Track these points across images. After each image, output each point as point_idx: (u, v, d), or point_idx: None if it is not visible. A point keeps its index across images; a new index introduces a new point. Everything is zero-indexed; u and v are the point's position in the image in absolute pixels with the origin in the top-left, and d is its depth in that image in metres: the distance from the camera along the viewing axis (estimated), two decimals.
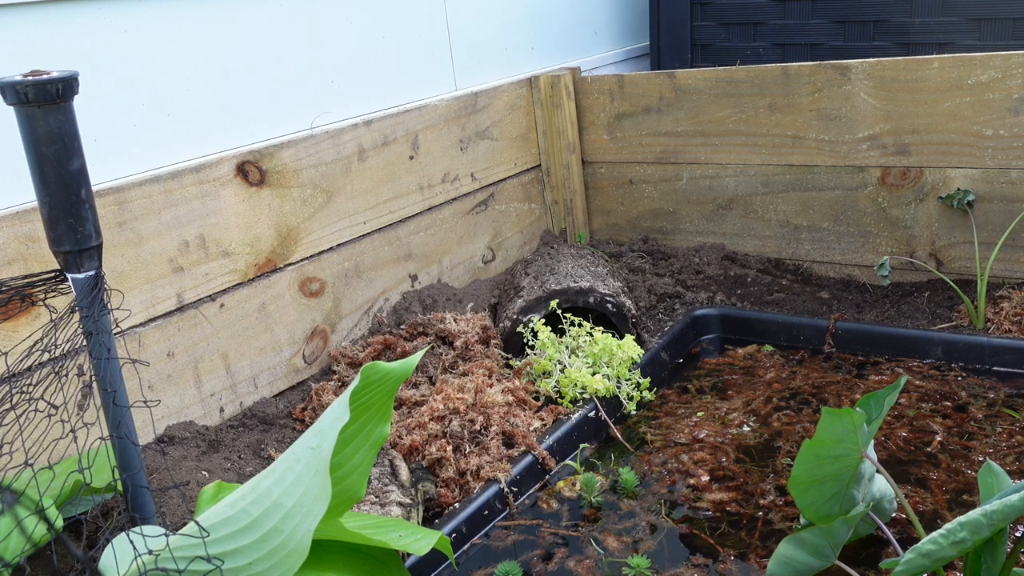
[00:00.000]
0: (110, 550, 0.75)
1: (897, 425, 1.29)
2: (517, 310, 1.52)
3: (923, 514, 1.10)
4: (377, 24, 1.65)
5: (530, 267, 1.69)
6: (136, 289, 1.24)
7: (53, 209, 0.78)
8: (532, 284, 1.58)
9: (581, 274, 1.57)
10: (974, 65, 1.54)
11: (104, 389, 0.81)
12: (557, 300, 1.48)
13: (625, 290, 1.62)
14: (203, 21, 1.36)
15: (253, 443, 1.31)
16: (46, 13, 1.18)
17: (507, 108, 1.89)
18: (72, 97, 0.76)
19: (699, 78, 1.81)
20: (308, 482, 0.73)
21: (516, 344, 1.51)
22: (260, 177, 1.40)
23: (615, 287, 1.57)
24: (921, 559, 0.81)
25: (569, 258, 1.68)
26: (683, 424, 1.35)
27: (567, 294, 1.50)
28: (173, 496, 1.14)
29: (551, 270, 1.61)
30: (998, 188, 1.58)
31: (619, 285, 1.61)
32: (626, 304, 1.52)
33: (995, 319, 1.50)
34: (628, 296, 1.58)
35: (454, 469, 1.19)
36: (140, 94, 1.30)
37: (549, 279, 1.57)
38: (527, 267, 1.71)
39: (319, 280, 1.51)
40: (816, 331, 1.56)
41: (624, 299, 1.53)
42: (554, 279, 1.56)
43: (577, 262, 1.65)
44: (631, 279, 1.78)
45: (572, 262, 1.65)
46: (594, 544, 1.11)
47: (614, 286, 1.57)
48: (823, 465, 0.87)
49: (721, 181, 1.86)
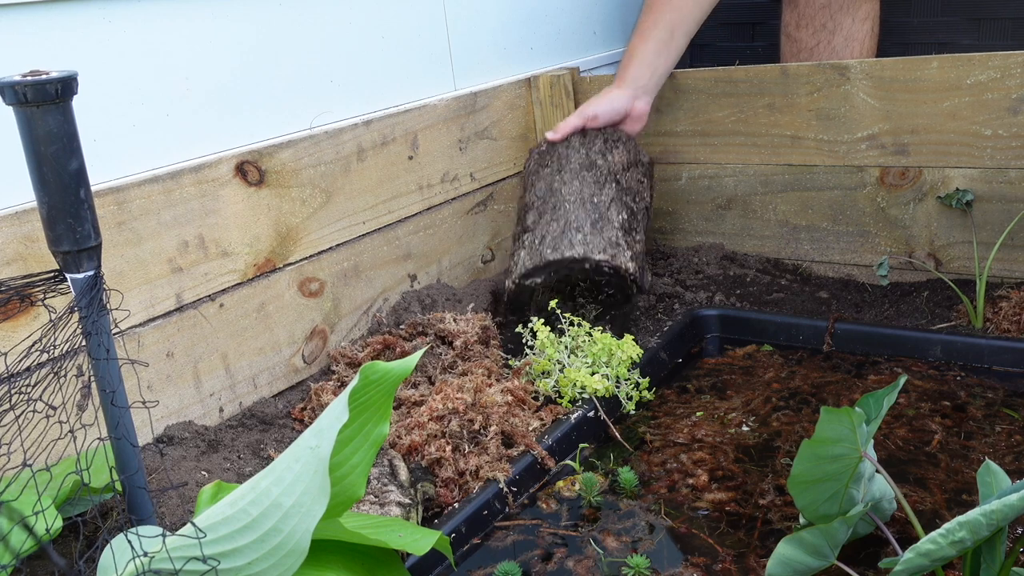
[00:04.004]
0: (108, 551, 0.75)
1: (896, 425, 1.29)
2: (519, 274, 1.51)
3: (922, 514, 1.10)
4: (377, 24, 1.65)
5: (538, 184, 1.62)
6: (135, 289, 1.24)
7: (52, 209, 0.78)
8: (534, 228, 1.55)
9: (582, 219, 1.52)
10: (973, 65, 1.54)
11: (103, 389, 0.81)
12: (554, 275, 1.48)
13: (627, 227, 1.54)
14: (203, 21, 1.36)
15: (252, 443, 1.31)
16: (46, 13, 1.18)
17: (506, 108, 1.89)
18: (71, 97, 0.76)
19: (698, 78, 1.81)
20: (307, 482, 0.73)
21: (520, 305, 1.51)
22: (259, 177, 1.40)
23: (613, 238, 1.50)
24: (920, 559, 0.81)
25: (575, 176, 1.60)
26: (682, 424, 1.36)
27: (562, 263, 1.49)
28: (172, 496, 1.14)
29: (554, 206, 1.56)
30: (997, 188, 1.58)
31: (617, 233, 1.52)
32: (622, 266, 1.48)
33: (994, 319, 1.50)
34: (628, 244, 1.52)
35: (453, 469, 1.19)
36: (139, 94, 1.30)
37: (550, 227, 1.53)
38: (535, 183, 1.63)
39: (318, 280, 1.51)
40: (815, 331, 1.56)
41: (621, 258, 1.48)
42: (556, 227, 1.52)
43: (582, 188, 1.57)
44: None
45: (578, 185, 1.58)
46: (593, 544, 1.11)
47: (612, 236, 1.50)
48: (822, 465, 0.87)
49: (720, 181, 1.86)
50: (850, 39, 1.98)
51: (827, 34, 1.99)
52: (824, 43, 1.99)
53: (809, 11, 2.00)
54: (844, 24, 1.97)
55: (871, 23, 1.99)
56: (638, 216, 1.59)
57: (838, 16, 1.97)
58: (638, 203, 1.61)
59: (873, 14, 1.99)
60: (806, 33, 2.01)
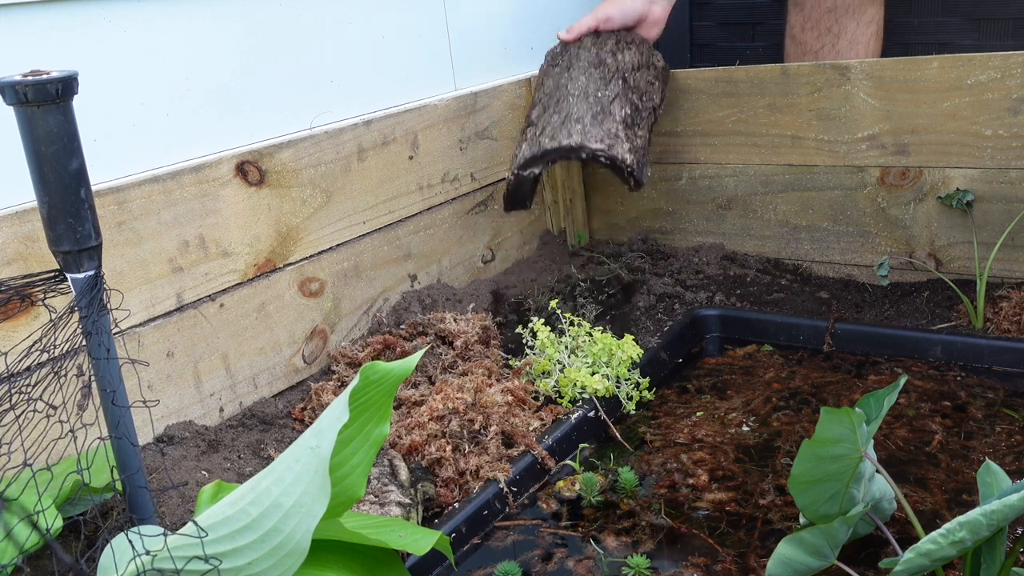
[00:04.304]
0: (109, 550, 0.75)
1: (896, 425, 1.29)
2: (517, 164, 1.52)
3: (922, 514, 1.10)
4: (377, 24, 1.65)
5: (547, 82, 1.64)
6: (135, 289, 1.24)
7: (52, 209, 0.78)
8: (536, 122, 1.55)
9: (583, 111, 1.51)
10: (973, 65, 1.54)
11: (103, 389, 0.81)
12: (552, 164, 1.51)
13: (629, 121, 1.53)
14: (203, 21, 1.36)
15: (253, 443, 1.31)
16: (46, 13, 1.18)
17: (507, 108, 1.89)
18: (71, 97, 0.76)
19: (698, 78, 1.81)
20: (307, 482, 0.73)
21: (520, 200, 1.53)
22: (260, 177, 1.40)
23: (613, 130, 1.50)
24: (920, 559, 0.81)
25: (582, 73, 1.61)
26: (682, 424, 1.35)
27: (559, 151, 1.48)
28: (173, 496, 1.14)
29: (558, 100, 1.57)
30: (997, 188, 1.58)
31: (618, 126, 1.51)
32: (619, 156, 1.47)
33: (994, 319, 1.50)
34: (628, 137, 1.51)
35: (453, 469, 1.19)
36: (140, 94, 1.30)
37: (551, 119, 1.53)
38: (544, 81, 1.65)
39: (319, 280, 1.51)
40: (815, 331, 1.56)
41: (619, 148, 1.48)
42: (556, 119, 1.52)
43: (588, 84, 1.57)
44: (633, 278, 1.78)
45: (584, 81, 1.58)
46: (593, 544, 1.11)
47: (612, 128, 1.50)
48: (822, 465, 0.87)
49: (720, 181, 1.86)
50: (855, 43, 1.98)
51: (832, 37, 1.99)
52: (829, 46, 2.00)
53: (815, 14, 2.00)
54: (849, 28, 1.97)
55: (876, 27, 2.00)
56: (643, 113, 1.57)
57: (843, 20, 1.97)
58: (644, 102, 1.60)
59: (878, 18, 2.00)
60: (811, 36, 2.01)
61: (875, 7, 1.98)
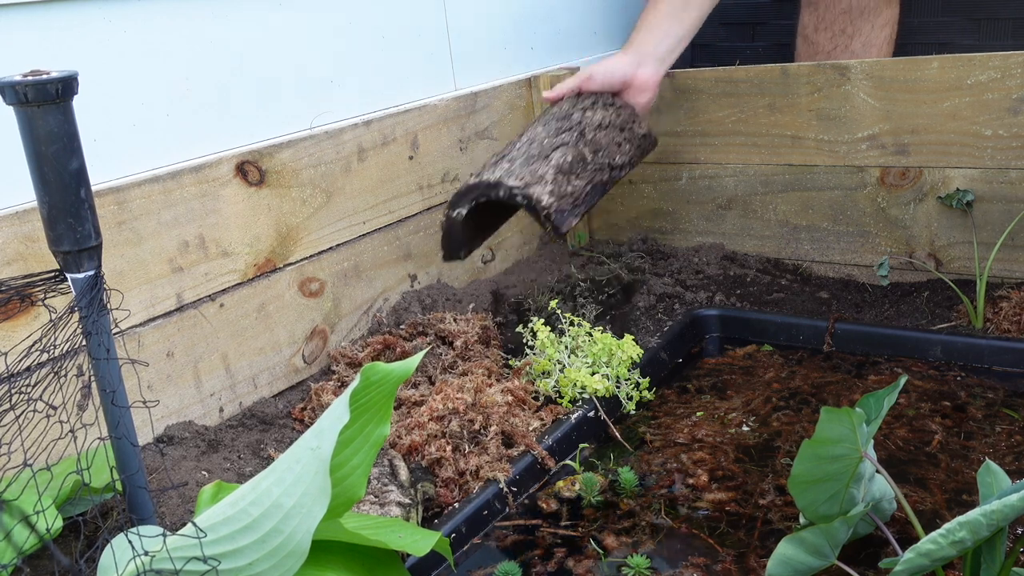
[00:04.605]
0: (109, 551, 0.75)
1: (896, 425, 1.29)
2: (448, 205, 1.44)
3: (922, 514, 1.10)
4: (377, 24, 1.65)
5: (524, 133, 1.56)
6: (135, 289, 1.24)
7: (52, 209, 0.78)
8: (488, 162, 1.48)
9: (519, 154, 1.43)
10: (973, 65, 1.54)
11: (103, 389, 0.81)
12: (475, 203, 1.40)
13: (565, 168, 1.41)
14: (203, 21, 1.36)
15: (253, 443, 1.31)
16: (46, 13, 1.18)
17: (507, 108, 1.89)
18: (72, 97, 0.76)
19: (698, 78, 1.81)
20: (308, 482, 0.73)
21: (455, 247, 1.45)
22: (260, 177, 1.40)
23: (540, 171, 1.38)
24: (920, 559, 0.81)
25: (542, 124, 1.52)
26: (682, 424, 1.35)
27: (479, 187, 1.39)
28: (173, 496, 1.14)
29: (507, 145, 1.50)
30: (997, 188, 1.58)
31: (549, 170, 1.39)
32: (534, 195, 1.35)
33: (994, 319, 1.50)
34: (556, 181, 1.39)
35: (453, 469, 1.19)
36: (140, 94, 1.30)
37: (489, 162, 1.46)
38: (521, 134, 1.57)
39: (318, 280, 1.51)
40: (815, 331, 1.56)
41: (537, 188, 1.36)
42: (493, 159, 1.45)
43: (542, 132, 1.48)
44: (630, 276, 1.78)
45: (540, 130, 1.49)
46: (593, 544, 1.11)
47: (540, 171, 1.38)
48: (822, 465, 0.87)
49: (720, 181, 1.86)
50: (868, 45, 1.96)
51: (845, 39, 1.97)
52: (842, 47, 1.98)
53: (829, 15, 1.98)
54: (863, 30, 1.96)
55: (890, 29, 1.98)
56: (589, 166, 1.44)
57: (858, 22, 1.95)
58: (598, 157, 1.46)
59: (892, 20, 1.98)
60: (824, 37, 2.00)
61: (891, 9, 1.97)
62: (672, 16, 1.58)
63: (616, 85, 1.57)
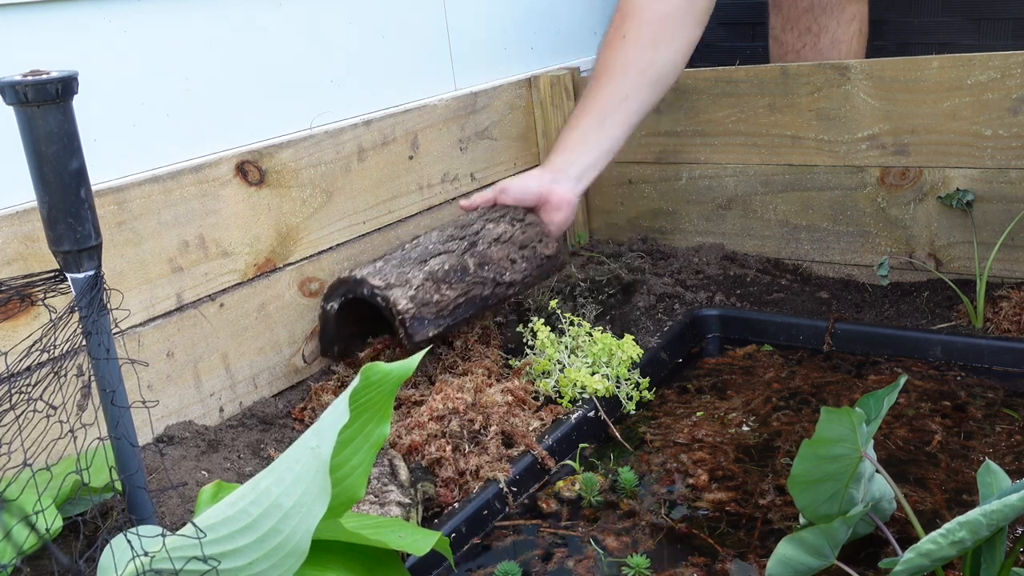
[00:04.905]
0: (108, 551, 0.75)
1: (896, 425, 1.29)
2: (323, 297, 1.43)
3: (922, 513, 1.10)
4: (377, 24, 1.65)
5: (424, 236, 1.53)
6: (135, 289, 1.24)
7: (52, 209, 0.78)
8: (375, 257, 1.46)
9: (400, 255, 1.41)
10: (973, 65, 1.54)
11: (103, 389, 0.81)
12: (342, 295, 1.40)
13: (437, 276, 1.36)
14: (203, 21, 1.36)
15: (252, 443, 1.31)
16: (46, 13, 1.18)
17: (507, 108, 1.89)
18: (72, 97, 0.76)
19: (698, 78, 1.81)
20: (308, 482, 0.73)
21: (328, 341, 1.44)
22: (260, 177, 1.40)
23: (408, 275, 1.34)
24: (920, 559, 0.81)
25: (436, 230, 1.49)
26: (682, 424, 1.35)
27: (346, 283, 1.38)
28: (172, 496, 1.14)
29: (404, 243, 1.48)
30: (997, 188, 1.58)
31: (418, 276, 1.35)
32: (391, 298, 1.32)
33: (994, 319, 1.50)
34: (422, 288, 1.35)
35: (453, 469, 1.19)
36: (140, 94, 1.30)
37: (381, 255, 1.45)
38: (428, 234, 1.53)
39: (319, 280, 1.51)
40: (815, 331, 1.56)
41: (397, 292, 1.32)
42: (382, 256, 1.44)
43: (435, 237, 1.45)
44: (630, 277, 1.78)
45: (435, 235, 1.47)
46: (593, 544, 1.11)
47: (408, 274, 1.35)
48: (822, 465, 0.87)
49: (720, 181, 1.86)
50: (836, 41, 1.97)
51: (812, 37, 1.97)
52: (810, 46, 1.98)
53: (794, 14, 1.99)
54: (829, 27, 1.96)
55: (858, 24, 1.98)
56: (468, 279, 1.39)
57: (822, 19, 1.95)
58: (483, 271, 1.41)
59: (860, 15, 1.98)
60: (792, 36, 2.00)
61: (856, 4, 1.97)
62: (588, 136, 1.55)
63: (530, 201, 1.53)
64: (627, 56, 1.55)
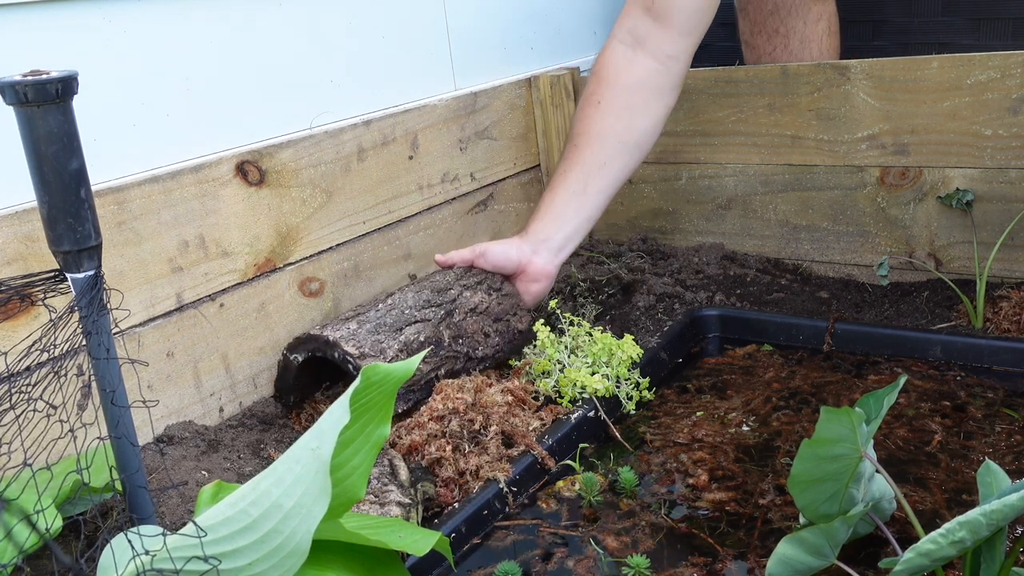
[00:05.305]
0: (109, 550, 0.75)
1: (896, 424, 1.29)
2: (286, 347, 1.40)
3: (922, 513, 1.10)
4: (377, 24, 1.65)
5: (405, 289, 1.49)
6: (135, 289, 1.24)
7: (52, 209, 0.78)
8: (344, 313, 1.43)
9: (374, 317, 1.37)
10: (973, 65, 1.54)
11: (103, 389, 0.81)
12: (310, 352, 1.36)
13: (410, 349, 1.34)
14: (203, 21, 1.36)
15: (253, 443, 1.31)
16: (46, 13, 1.18)
17: (507, 108, 1.89)
18: (71, 97, 0.76)
19: (698, 78, 1.81)
20: (308, 483, 0.73)
21: (285, 388, 1.40)
22: (260, 177, 1.40)
23: (384, 344, 1.32)
24: (920, 558, 0.81)
25: (413, 291, 1.44)
26: (682, 424, 1.36)
27: (317, 341, 1.34)
28: (173, 496, 1.14)
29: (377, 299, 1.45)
30: (997, 188, 1.58)
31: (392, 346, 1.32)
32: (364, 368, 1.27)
33: (994, 319, 1.50)
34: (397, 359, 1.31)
35: (453, 469, 1.19)
36: (140, 94, 1.30)
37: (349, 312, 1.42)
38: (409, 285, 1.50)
39: (318, 280, 1.51)
40: (815, 331, 1.56)
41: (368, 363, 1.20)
42: (351, 313, 1.41)
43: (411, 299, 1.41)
44: (631, 277, 1.78)
45: (411, 296, 1.42)
46: (593, 544, 1.11)
47: (384, 343, 1.32)
48: (822, 464, 0.87)
49: (720, 181, 1.86)
50: (806, 41, 1.96)
51: (782, 39, 1.97)
52: (781, 48, 1.98)
53: (759, 18, 1.98)
54: (797, 28, 1.95)
55: (826, 23, 1.97)
56: (441, 352, 1.37)
57: (788, 20, 1.95)
58: (456, 344, 1.39)
59: (827, 14, 1.97)
60: (761, 40, 2.00)
61: (821, 4, 1.96)
62: (570, 203, 1.51)
63: (509, 269, 1.50)
64: (603, 123, 1.53)
